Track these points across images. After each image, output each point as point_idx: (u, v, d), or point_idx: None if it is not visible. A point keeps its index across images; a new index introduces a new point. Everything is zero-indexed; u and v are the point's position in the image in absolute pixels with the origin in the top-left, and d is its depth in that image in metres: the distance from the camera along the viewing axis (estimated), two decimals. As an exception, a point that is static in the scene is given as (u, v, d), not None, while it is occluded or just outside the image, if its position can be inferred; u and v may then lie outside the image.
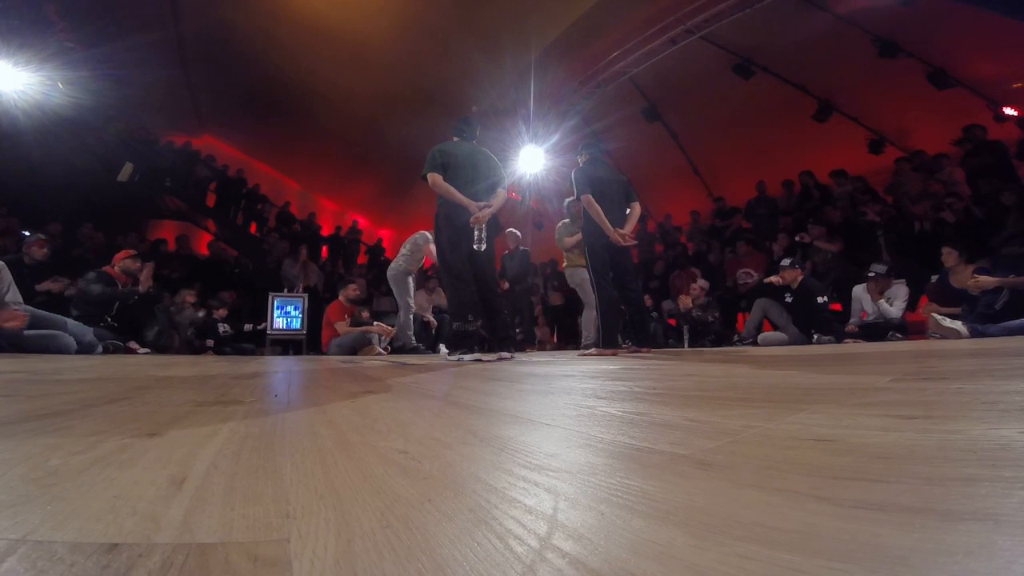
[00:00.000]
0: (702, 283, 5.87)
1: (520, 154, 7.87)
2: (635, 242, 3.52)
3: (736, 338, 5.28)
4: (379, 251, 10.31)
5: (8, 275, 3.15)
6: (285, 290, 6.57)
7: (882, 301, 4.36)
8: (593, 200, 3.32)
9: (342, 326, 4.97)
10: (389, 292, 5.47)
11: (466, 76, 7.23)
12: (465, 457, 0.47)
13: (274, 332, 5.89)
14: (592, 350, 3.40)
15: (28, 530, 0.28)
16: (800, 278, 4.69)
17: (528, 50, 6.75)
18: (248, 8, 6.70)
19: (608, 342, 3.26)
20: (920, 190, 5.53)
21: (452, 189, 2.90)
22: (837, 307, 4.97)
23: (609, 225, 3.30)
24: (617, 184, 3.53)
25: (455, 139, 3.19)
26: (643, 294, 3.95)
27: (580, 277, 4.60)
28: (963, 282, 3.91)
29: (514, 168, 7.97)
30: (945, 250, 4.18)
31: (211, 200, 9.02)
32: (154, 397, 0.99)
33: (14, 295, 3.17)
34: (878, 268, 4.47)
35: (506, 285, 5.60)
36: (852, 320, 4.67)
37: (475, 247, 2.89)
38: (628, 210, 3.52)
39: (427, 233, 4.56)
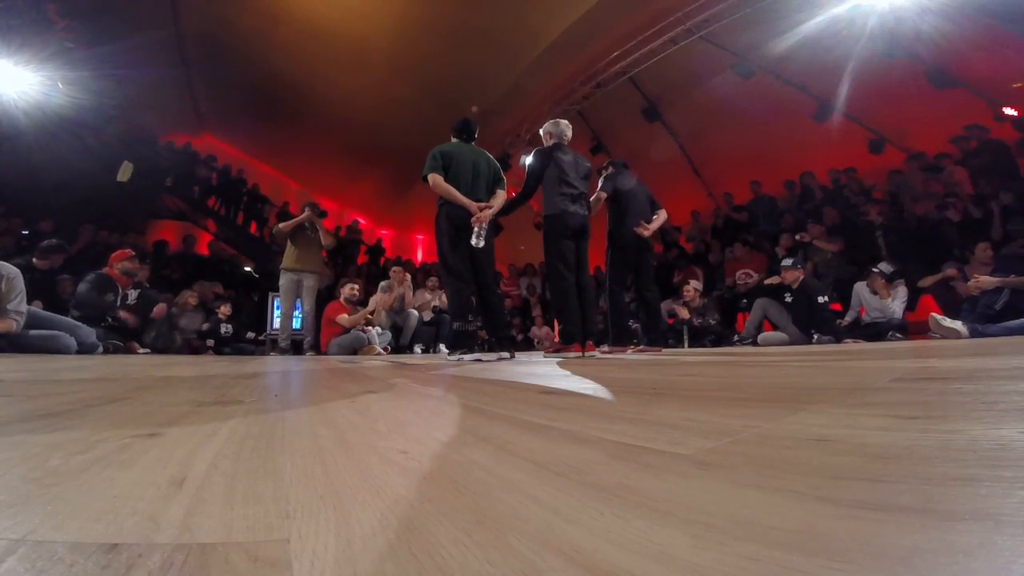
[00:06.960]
0: (695, 284, 5.83)
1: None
2: (656, 227, 3.81)
3: (736, 338, 5.27)
4: (379, 251, 10.30)
5: (21, 283, 3.08)
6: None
7: (889, 300, 4.37)
8: (604, 196, 3.67)
9: (344, 318, 5.00)
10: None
11: (466, 76, 7.23)
12: (465, 457, 0.47)
13: (274, 332, 5.89)
14: (601, 347, 3.46)
15: (28, 530, 0.28)
16: (801, 278, 4.69)
17: (528, 50, 6.75)
18: (248, 8, 6.70)
19: (616, 340, 3.47)
20: (920, 190, 5.54)
21: (452, 189, 2.91)
22: (837, 307, 4.97)
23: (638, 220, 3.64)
24: (643, 194, 3.82)
25: (454, 140, 3.20)
26: (660, 297, 4.11)
27: None
28: (970, 275, 3.92)
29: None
30: (981, 245, 4.13)
31: (211, 201, 9.03)
32: (154, 397, 0.98)
33: (18, 304, 3.07)
34: (885, 267, 4.48)
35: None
36: (849, 315, 4.66)
37: (472, 242, 2.89)
38: (655, 216, 3.83)
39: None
